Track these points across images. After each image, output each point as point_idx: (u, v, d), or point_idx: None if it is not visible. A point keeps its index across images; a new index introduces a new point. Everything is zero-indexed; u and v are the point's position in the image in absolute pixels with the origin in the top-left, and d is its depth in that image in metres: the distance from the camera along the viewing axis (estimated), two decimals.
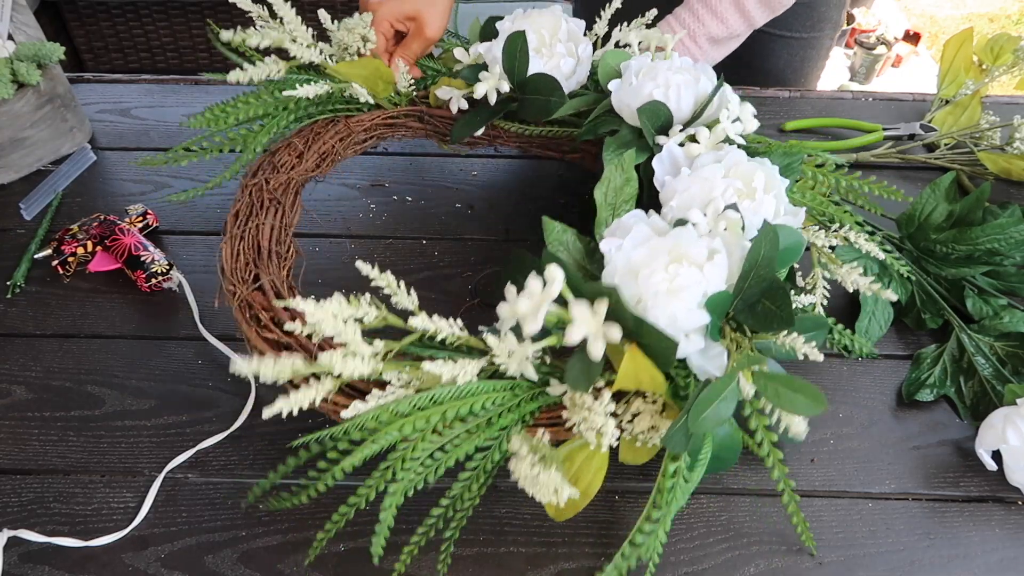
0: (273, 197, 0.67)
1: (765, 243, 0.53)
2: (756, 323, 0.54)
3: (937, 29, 2.70)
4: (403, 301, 0.55)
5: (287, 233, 0.66)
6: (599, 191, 0.63)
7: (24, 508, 0.59)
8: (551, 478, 0.48)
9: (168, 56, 1.97)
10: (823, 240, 0.65)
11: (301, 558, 0.56)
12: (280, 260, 0.63)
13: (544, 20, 0.75)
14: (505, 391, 0.54)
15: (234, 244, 0.62)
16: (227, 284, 0.60)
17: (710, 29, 0.83)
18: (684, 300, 0.52)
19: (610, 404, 0.52)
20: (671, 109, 0.67)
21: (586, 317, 0.50)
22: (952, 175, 0.72)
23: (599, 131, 0.72)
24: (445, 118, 0.80)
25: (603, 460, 0.53)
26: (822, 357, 0.56)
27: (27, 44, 0.79)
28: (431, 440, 0.51)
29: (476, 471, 0.53)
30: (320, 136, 0.75)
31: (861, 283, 0.63)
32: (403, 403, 0.51)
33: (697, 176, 0.61)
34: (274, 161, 0.71)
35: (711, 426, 0.50)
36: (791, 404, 0.51)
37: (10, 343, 0.70)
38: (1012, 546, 0.58)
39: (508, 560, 0.56)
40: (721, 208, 0.58)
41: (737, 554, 0.57)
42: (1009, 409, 0.60)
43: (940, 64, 0.91)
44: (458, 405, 0.52)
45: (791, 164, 0.67)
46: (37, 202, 0.81)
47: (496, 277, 0.76)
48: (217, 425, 0.64)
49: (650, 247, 0.54)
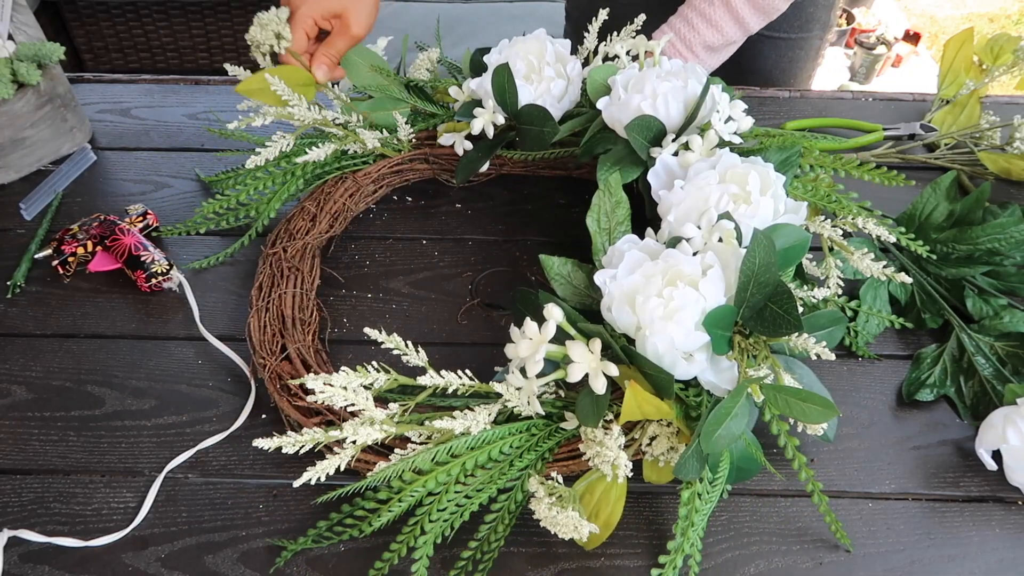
0: (292, 265, 0.70)
1: (759, 250, 0.52)
2: (765, 328, 0.54)
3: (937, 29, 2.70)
4: (413, 359, 0.58)
5: (308, 298, 0.69)
6: (591, 218, 0.64)
7: (24, 508, 0.59)
8: (569, 517, 0.50)
9: (168, 56, 1.97)
10: (829, 231, 0.65)
11: (301, 558, 0.56)
12: (304, 326, 0.66)
13: (530, 46, 0.75)
14: (522, 432, 0.56)
15: (261, 317, 0.66)
16: (257, 357, 0.63)
17: (705, 37, 0.83)
18: (682, 323, 0.52)
19: (620, 437, 0.53)
20: (661, 119, 0.67)
21: (584, 356, 0.52)
22: (952, 174, 0.72)
23: (595, 150, 0.72)
24: (450, 156, 0.81)
25: (621, 490, 0.55)
26: (833, 356, 0.56)
27: (27, 44, 0.79)
28: (455, 490, 0.54)
29: (500, 512, 0.55)
30: (331, 196, 0.77)
31: (874, 268, 0.62)
32: (423, 460, 0.53)
33: (692, 186, 0.61)
34: (290, 228, 0.74)
35: (725, 444, 0.50)
36: (802, 414, 0.51)
37: (10, 343, 0.70)
38: (1012, 546, 0.58)
39: (508, 560, 0.56)
40: (715, 219, 0.58)
41: (737, 554, 0.57)
42: (1009, 409, 0.60)
43: (940, 64, 0.91)
44: (475, 455, 0.54)
45: (788, 158, 0.66)
46: (37, 202, 0.81)
47: (496, 277, 0.76)
48: (217, 425, 0.64)
49: (643, 272, 0.55)
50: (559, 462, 0.57)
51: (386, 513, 0.53)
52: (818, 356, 0.56)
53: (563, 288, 0.63)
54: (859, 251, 0.64)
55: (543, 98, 0.74)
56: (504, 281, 0.76)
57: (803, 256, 0.59)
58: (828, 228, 0.65)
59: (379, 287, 0.75)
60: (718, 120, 0.66)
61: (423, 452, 0.53)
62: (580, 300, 0.62)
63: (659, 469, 0.57)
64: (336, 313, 0.72)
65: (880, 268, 0.62)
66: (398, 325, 0.71)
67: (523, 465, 0.55)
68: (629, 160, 0.68)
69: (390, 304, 0.73)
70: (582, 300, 0.62)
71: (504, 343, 0.56)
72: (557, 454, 0.57)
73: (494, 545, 0.54)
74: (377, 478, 0.53)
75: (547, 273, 0.62)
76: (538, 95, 0.74)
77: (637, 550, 0.57)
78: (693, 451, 0.51)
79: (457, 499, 0.54)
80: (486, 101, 0.75)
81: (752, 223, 0.58)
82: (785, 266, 0.58)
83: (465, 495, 0.54)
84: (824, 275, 0.65)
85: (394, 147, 0.79)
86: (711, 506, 0.54)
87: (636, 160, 0.68)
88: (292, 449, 0.52)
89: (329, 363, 0.65)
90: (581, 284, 0.62)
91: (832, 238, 0.65)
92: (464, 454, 0.54)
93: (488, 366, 0.63)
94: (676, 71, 0.69)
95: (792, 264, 0.59)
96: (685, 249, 0.57)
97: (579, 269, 0.63)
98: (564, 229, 0.81)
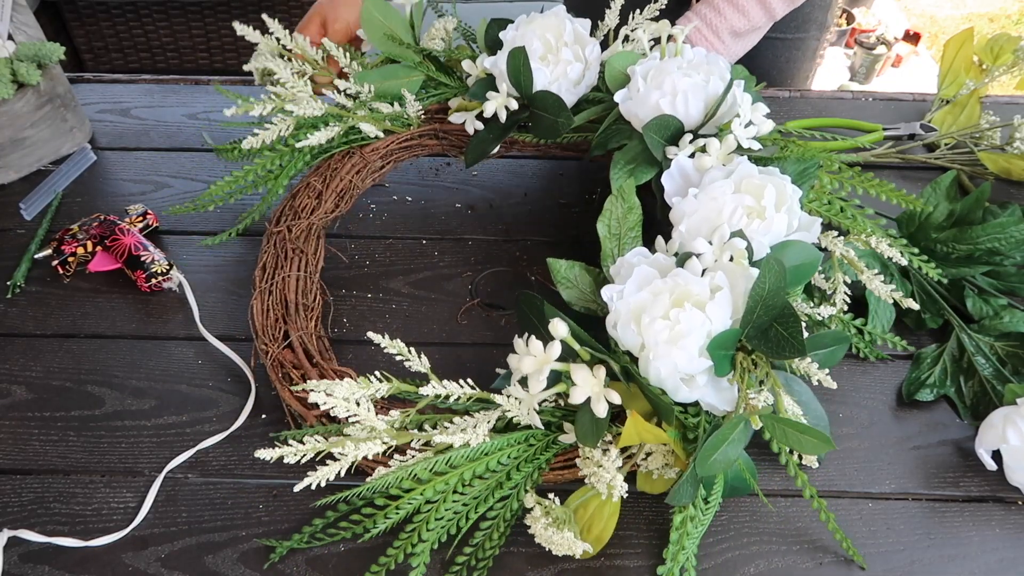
0: (296, 246, 0.69)
1: (770, 276, 0.52)
2: (769, 349, 0.53)
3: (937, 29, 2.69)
4: (415, 365, 0.57)
5: (312, 281, 0.68)
6: (602, 223, 0.62)
7: (24, 508, 0.59)
8: (564, 538, 0.51)
9: (168, 56, 1.97)
10: (841, 248, 0.64)
11: (301, 558, 0.56)
12: (307, 312, 0.65)
13: (548, 23, 0.72)
14: (520, 444, 0.56)
15: (264, 300, 0.65)
16: (259, 343, 0.63)
17: (732, 23, 0.83)
18: (686, 348, 0.51)
19: (619, 460, 0.54)
20: (680, 117, 0.65)
21: (587, 380, 0.52)
22: (953, 174, 0.72)
23: (610, 144, 0.70)
24: (461, 133, 0.79)
25: (615, 508, 0.55)
26: (835, 385, 0.56)
27: (27, 44, 0.79)
28: (452, 499, 0.54)
29: (496, 520, 0.55)
30: (337, 173, 0.76)
31: (883, 290, 0.62)
32: (422, 469, 0.53)
33: (705, 195, 0.59)
34: (295, 205, 0.73)
35: (720, 469, 0.51)
36: (799, 445, 0.52)
37: (10, 343, 0.70)
38: (1012, 546, 0.58)
39: (508, 560, 0.56)
40: (727, 236, 0.57)
41: (737, 554, 0.57)
42: (1009, 409, 0.60)
43: (940, 64, 0.91)
44: (473, 466, 0.54)
45: (806, 170, 0.64)
46: (37, 202, 0.81)
47: (496, 277, 0.76)
48: (217, 425, 0.64)
49: (651, 290, 0.54)
50: (555, 471, 0.57)
51: (383, 520, 0.53)
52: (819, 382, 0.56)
53: (569, 292, 0.62)
54: (870, 271, 0.63)
55: (559, 82, 0.71)
56: (504, 281, 0.76)
57: (813, 275, 0.58)
58: (840, 246, 0.64)
59: (379, 287, 0.75)
60: (738, 125, 0.64)
61: (422, 461, 0.53)
62: (585, 304, 0.61)
63: (653, 481, 0.57)
64: (336, 313, 0.72)
65: (889, 291, 0.62)
66: (398, 325, 0.71)
67: (520, 476, 0.56)
68: (644, 159, 0.66)
69: (390, 304, 0.73)
70: (587, 304, 0.61)
71: (504, 343, 0.56)
72: (554, 463, 0.57)
73: (489, 552, 0.55)
74: (376, 484, 0.53)
75: (554, 276, 0.61)
76: (554, 79, 0.71)
77: (637, 550, 0.57)
78: (688, 476, 0.51)
79: (455, 507, 0.54)
80: (500, 83, 0.72)
81: (765, 239, 0.57)
82: (794, 285, 0.57)
83: (463, 503, 0.54)
84: (831, 289, 0.65)
85: (404, 122, 0.78)
86: (703, 529, 0.54)
87: (651, 159, 0.66)
88: (294, 459, 0.52)
89: (331, 351, 0.64)
90: (587, 288, 0.61)
91: (844, 255, 0.64)
92: (462, 465, 0.54)
93: (488, 366, 0.63)
94: (698, 63, 0.67)
95: (802, 283, 0.58)
96: (694, 267, 0.56)
97: (586, 273, 0.62)
98: (564, 229, 0.81)
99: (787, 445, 0.52)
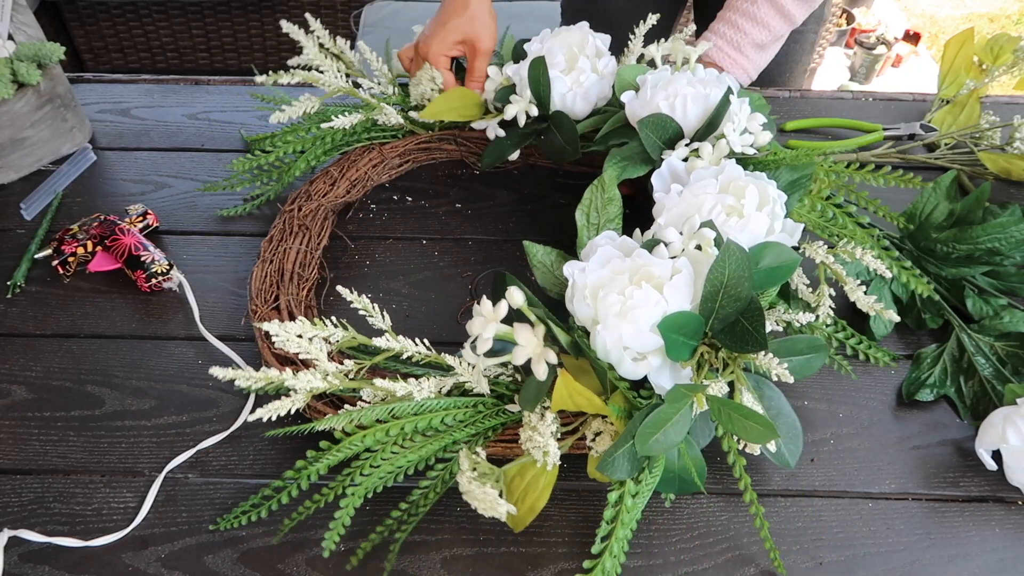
0: (303, 223, 0.73)
1: (730, 260, 0.52)
2: (733, 343, 0.54)
3: (937, 29, 2.69)
4: (378, 322, 0.60)
5: (313, 256, 0.72)
6: (580, 212, 0.64)
7: (24, 508, 0.59)
8: (487, 494, 0.50)
9: (168, 56, 1.97)
10: (823, 256, 0.64)
11: (301, 558, 0.56)
12: (301, 281, 0.69)
13: (573, 37, 0.77)
14: (468, 408, 0.57)
15: (264, 267, 0.69)
16: (251, 304, 0.66)
17: (753, 36, 0.83)
18: (635, 321, 0.52)
19: (553, 425, 0.54)
20: (678, 120, 0.66)
21: (528, 340, 0.51)
22: (953, 174, 0.72)
23: (609, 143, 0.72)
24: (479, 140, 0.82)
25: (551, 477, 0.54)
26: (792, 379, 0.56)
27: (27, 44, 0.79)
28: (392, 450, 0.55)
29: (435, 480, 0.56)
30: (355, 164, 0.80)
31: (865, 302, 0.62)
32: (366, 416, 0.54)
33: (689, 192, 0.60)
34: (310, 190, 0.77)
35: (661, 450, 0.50)
36: (743, 431, 0.51)
37: (10, 343, 0.70)
38: (1012, 546, 0.58)
39: (508, 560, 0.56)
40: (697, 226, 0.57)
41: (737, 554, 0.57)
42: (1009, 409, 0.60)
43: (940, 64, 0.91)
44: (416, 420, 0.55)
45: (799, 180, 0.65)
46: (37, 202, 0.81)
47: (496, 277, 0.76)
48: (217, 425, 0.64)
49: (611, 268, 0.55)
50: (501, 443, 0.58)
51: (324, 460, 0.54)
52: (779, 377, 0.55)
53: (543, 277, 0.63)
54: (853, 282, 0.63)
55: (574, 91, 0.75)
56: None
57: (789, 277, 0.58)
58: (823, 253, 0.64)
59: (379, 287, 0.75)
60: (731, 130, 0.65)
61: (367, 410, 0.54)
62: (559, 291, 0.62)
63: None
64: (336, 313, 0.72)
65: (871, 303, 0.62)
66: (398, 325, 0.71)
67: (464, 438, 0.56)
68: (639, 157, 0.68)
69: (390, 304, 0.73)
70: (561, 291, 0.62)
71: None
72: (501, 435, 0.58)
73: (421, 509, 0.55)
74: (322, 424, 0.54)
75: (530, 261, 0.62)
76: (569, 87, 0.75)
77: (636, 550, 0.57)
78: (626, 451, 0.51)
79: (394, 460, 0.55)
80: (522, 89, 0.76)
81: (741, 237, 0.57)
82: (769, 285, 0.57)
83: (404, 457, 0.55)
84: (816, 302, 0.64)
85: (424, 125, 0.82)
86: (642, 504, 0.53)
87: (646, 158, 0.67)
88: (246, 384, 0.54)
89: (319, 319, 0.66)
90: (562, 275, 0.62)
91: (827, 264, 0.64)
92: (405, 417, 0.55)
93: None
94: (708, 80, 0.68)
95: (777, 283, 0.58)
96: (661, 252, 0.56)
97: (562, 260, 0.63)
98: (564, 229, 0.80)
99: (732, 431, 0.52)
